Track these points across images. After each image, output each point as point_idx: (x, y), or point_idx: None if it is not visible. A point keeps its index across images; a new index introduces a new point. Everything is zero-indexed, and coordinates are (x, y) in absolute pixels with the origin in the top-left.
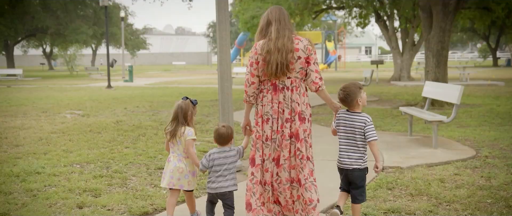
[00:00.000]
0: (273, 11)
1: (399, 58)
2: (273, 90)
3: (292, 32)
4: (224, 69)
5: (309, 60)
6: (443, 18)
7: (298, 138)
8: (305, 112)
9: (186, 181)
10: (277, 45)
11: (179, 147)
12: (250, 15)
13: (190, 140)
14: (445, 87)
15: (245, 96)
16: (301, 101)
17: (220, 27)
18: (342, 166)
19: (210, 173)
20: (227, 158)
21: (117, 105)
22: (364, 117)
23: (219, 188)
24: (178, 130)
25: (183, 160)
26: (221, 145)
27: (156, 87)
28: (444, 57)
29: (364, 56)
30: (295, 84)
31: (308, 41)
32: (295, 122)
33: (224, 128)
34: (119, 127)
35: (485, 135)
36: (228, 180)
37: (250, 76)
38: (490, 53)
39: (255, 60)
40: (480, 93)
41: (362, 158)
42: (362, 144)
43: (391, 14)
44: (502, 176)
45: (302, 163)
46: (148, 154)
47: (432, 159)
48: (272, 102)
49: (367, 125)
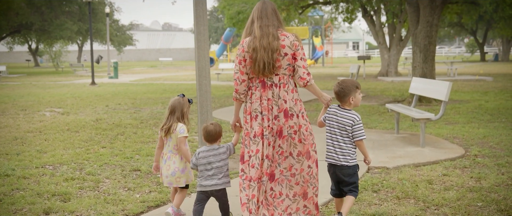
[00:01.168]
0: (256, 8)
1: (386, 53)
2: (262, 87)
3: (278, 27)
4: (202, 66)
5: (295, 56)
6: (430, 13)
7: (280, 135)
8: (294, 109)
9: (173, 178)
10: (262, 43)
11: (169, 143)
12: (235, 10)
13: (182, 137)
14: (433, 84)
15: (236, 95)
16: (289, 97)
17: (198, 21)
18: (329, 161)
19: (200, 171)
20: (216, 155)
21: (99, 103)
22: (353, 115)
23: (215, 185)
24: (172, 126)
25: (172, 157)
26: (210, 142)
27: (140, 84)
28: (431, 52)
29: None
30: (283, 81)
31: (295, 36)
32: (279, 119)
33: (212, 126)
34: (98, 125)
35: (474, 132)
36: (223, 177)
37: (240, 74)
38: (478, 48)
39: (242, 58)
40: (468, 89)
41: (350, 155)
42: (349, 141)
43: (378, 9)
44: (492, 176)
45: (280, 158)
46: (125, 154)
47: (419, 158)
48: (261, 99)
49: (355, 123)
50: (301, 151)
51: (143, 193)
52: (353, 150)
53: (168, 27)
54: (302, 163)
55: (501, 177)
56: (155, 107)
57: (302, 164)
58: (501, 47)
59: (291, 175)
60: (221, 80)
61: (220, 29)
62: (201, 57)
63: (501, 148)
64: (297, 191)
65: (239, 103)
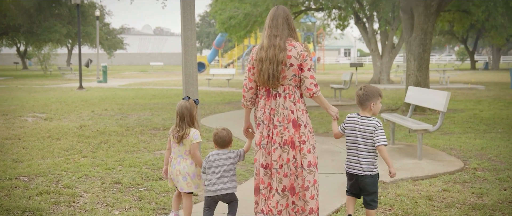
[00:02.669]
0: (268, 15)
1: (378, 60)
2: (266, 96)
3: (288, 37)
4: (189, 72)
5: (302, 66)
6: (425, 20)
7: (293, 146)
8: (301, 118)
9: (184, 183)
10: (268, 55)
11: (180, 149)
12: (227, 15)
13: (196, 143)
14: (430, 93)
15: (243, 101)
16: (295, 108)
17: (185, 25)
18: (352, 172)
19: (208, 174)
20: (227, 159)
21: (84, 108)
22: (375, 121)
23: (222, 189)
24: (185, 132)
25: (182, 161)
26: (221, 147)
27: (129, 89)
28: (425, 60)
29: (343, 58)
30: (288, 91)
31: (304, 46)
32: (288, 130)
33: (224, 131)
34: (81, 132)
35: (471, 144)
36: (229, 182)
37: (248, 81)
38: (468, 56)
39: (251, 66)
40: (461, 98)
41: (373, 163)
42: (373, 149)
43: (371, 16)
44: (495, 192)
45: (297, 171)
46: (107, 165)
47: (417, 172)
48: (265, 108)
49: (377, 129)
50: (311, 161)
51: (123, 210)
52: (376, 158)
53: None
54: (314, 174)
55: (503, 193)
56: (143, 113)
57: (314, 174)
58: (491, 56)
59: (305, 188)
60: (212, 86)
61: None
62: (188, 63)
63: (500, 161)
64: (313, 207)
65: (247, 110)
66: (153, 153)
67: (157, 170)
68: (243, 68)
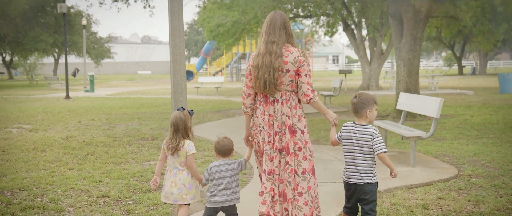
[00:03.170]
0: (266, 21)
1: (367, 67)
2: (264, 103)
3: (285, 43)
4: (178, 81)
5: (299, 72)
6: (414, 26)
7: (288, 152)
8: (298, 125)
9: (179, 195)
10: (264, 61)
11: (175, 160)
12: (215, 23)
13: (191, 154)
14: (422, 100)
15: (243, 108)
16: (292, 114)
17: (174, 33)
18: (351, 181)
19: (210, 186)
20: (228, 170)
21: (71, 119)
22: (371, 129)
23: (224, 201)
24: (179, 144)
25: (178, 173)
26: (223, 156)
27: (117, 98)
28: (415, 67)
29: (332, 65)
30: (285, 97)
31: (300, 52)
32: (285, 135)
33: (225, 140)
34: (68, 144)
35: (464, 150)
36: (232, 194)
37: (246, 88)
38: (455, 61)
39: (249, 72)
40: (451, 103)
41: (372, 171)
42: (371, 157)
43: (359, 22)
44: (491, 199)
45: (289, 177)
46: (94, 177)
47: (411, 179)
48: (264, 114)
49: (374, 137)
50: (305, 168)
51: None
52: (374, 166)
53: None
54: (308, 180)
55: (500, 200)
56: (131, 123)
57: (308, 181)
58: (478, 61)
59: (299, 194)
60: (201, 94)
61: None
62: (177, 72)
63: (494, 167)
64: (306, 212)
65: (248, 117)
66: (142, 164)
67: (146, 181)
68: (232, 76)
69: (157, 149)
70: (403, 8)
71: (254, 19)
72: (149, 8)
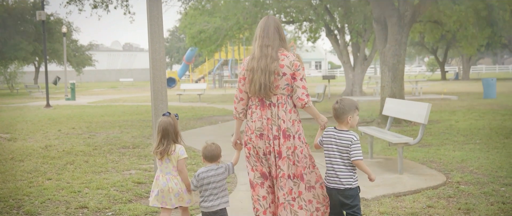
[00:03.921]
0: (259, 26)
1: (351, 72)
2: (261, 106)
3: (279, 47)
4: (158, 88)
5: (295, 76)
6: (398, 31)
7: (280, 156)
8: (291, 129)
9: (177, 199)
10: (260, 65)
11: (167, 165)
12: (197, 29)
13: (183, 159)
14: (409, 105)
15: (235, 112)
16: (286, 118)
17: (153, 38)
18: (332, 186)
19: (200, 192)
20: (215, 176)
21: (51, 127)
22: (351, 135)
23: (211, 207)
24: (169, 148)
25: (172, 178)
26: (210, 162)
27: (98, 106)
28: (400, 72)
29: (314, 71)
30: (281, 101)
31: (296, 56)
32: (280, 139)
33: (213, 145)
34: (47, 153)
35: (451, 156)
36: (219, 198)
37: (239, 92)
38: (438, 67)
39: (242, 76)
40: (435, 108)
41: (352, 176)
42: (350, 162)
43: (342, 28)
44: (482, 207)
45: (281, 181)
46: (72, 187)
47: (399, 187)
48: (262, 118)
49: (353, 143)
50: (295, 173)
51: None
52: (354, 172)
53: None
54: (298, 185)
55: (491, 208)
56: (112, 131)
57: (298, 186)
58: (461, 66)
59: (292, 199)
60: (183, 101)
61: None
62: (156, 78)
63: (482, 173)
64: None
65: (239, 121)
66: (122, 173)
67: (126, 191)
68: (215, 83)
69: (138, 157)
70: (387, 12)
71: (236, 25)
72: (129, 14)
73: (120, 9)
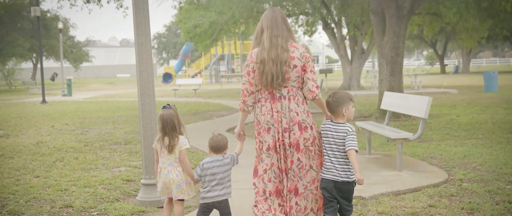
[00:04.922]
0: (265, 17)
1: (348, 66)
2: (271, 99)
3: (288, 38)
4: (144, 83)
5: (305, 68)
6: (397, 23)
7: (298, 148)
8: (306, 120)
9: (179, 191)
10: (271, 55)
11: (170, 157)
12: (192, 24)
13: (185, 149)
14: (409, 99)
15: (243, 106)
16: (300, 110)
17: (139, 30)
18: (329, 177)
19: (204, 182)
20: (221, 166)
21: (44, 123)
22: (347, 126)
23: (217, 196)
24: (177, 141)
25: (174, 170)
26: (216, 153)
27: (94, 102)
28: (399, 65)
29: None
30: (292, 93)
31: (305, 48)
32: (294, 132)
33: (219, 136)
34: (37, 150)
35: (452, 151)
36: (224, 188)
37: (249, 85)
38: (437, 60)
39: (251, 69)
40: (435, 102)
41: (349, 169)
42: (347, 155)
43: (339, 21)
44: (487, 207)
45: (301, 172)
46: (60, 185)
47: (398, 185)
48: (272, 111)
49: (348, 134)
50: (316, 163)
51: None
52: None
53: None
54: (318, 173)
55: (496, 207)
56: (105, 127)
57: (317, 174)
58: (460, 59)
59: (316, 188)
60: (179, 97)
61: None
62: (143, 72)
63: (486, 170)
64: (320, 205)
65: (245, 114)
66: (111, 171)
67: (114, 190)
68: (211, 78)
69: (130, 153)
70: (385, 4)
71: (232, 19)
72: (122, 8)
73: (113, 3)
